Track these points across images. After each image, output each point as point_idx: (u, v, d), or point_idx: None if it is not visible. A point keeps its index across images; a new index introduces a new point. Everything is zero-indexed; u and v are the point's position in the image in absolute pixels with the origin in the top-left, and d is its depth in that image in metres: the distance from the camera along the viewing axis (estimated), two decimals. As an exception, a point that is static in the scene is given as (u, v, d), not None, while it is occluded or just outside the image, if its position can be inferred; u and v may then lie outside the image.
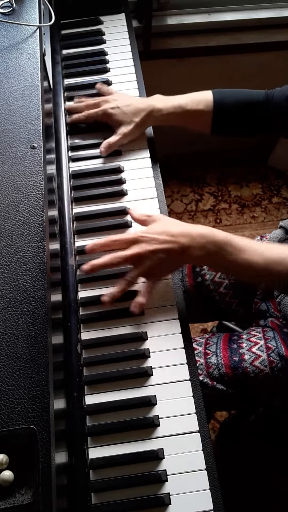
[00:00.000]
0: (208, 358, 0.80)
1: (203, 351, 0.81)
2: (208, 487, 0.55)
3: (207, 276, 0.92)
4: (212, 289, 0.91)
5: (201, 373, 0.79)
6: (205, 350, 0.81)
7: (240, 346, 0.80)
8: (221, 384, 0.78)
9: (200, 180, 1.81)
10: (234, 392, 0.79)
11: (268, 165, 1.84)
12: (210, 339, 0.84)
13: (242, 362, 0.78)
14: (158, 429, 0.58)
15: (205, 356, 0.80)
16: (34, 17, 0.76)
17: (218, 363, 0.78)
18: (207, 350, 0.81)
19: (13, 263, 0.55)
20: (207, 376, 0.79)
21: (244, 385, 0.78)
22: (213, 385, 0.78)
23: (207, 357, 0.80)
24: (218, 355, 0.79)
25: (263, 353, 0.78)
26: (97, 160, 0.79)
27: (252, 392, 0.79)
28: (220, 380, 0.78)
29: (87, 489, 0.55)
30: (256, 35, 1.38)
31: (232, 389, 0.79)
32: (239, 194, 1.79)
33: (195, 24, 1.34)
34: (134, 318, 0.65)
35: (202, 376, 0.79)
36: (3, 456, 0.43)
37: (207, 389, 0.79)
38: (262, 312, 0.88)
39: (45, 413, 0.46)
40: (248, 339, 0.81)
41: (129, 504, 0.54)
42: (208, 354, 0.80)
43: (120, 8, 0.98)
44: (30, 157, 0.62)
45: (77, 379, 0.61)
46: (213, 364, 0.79)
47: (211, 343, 0.82)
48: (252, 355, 0.78)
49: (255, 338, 0.81)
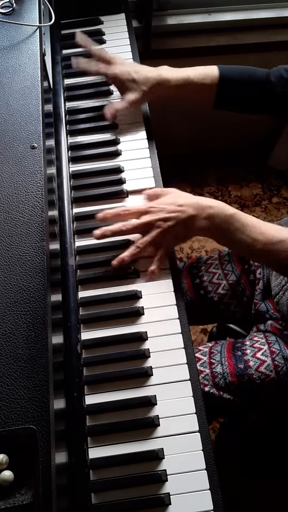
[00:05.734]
0: (213, 367, 0.79)
1: (208, 360, 0.80)
2: (208, 487, 0.55)
3: (205, 277, 0.91)
4: (210, 290, 0.91)
5: (207, 383, 0.78)
6: (210, 359, 0.80)
7: (244, 353, 0.80)
8: (227, 394, 0.78)
9: (200, 180, 1.81)
10: (240, 399, 0.78)
11: (268, 165, 1.84)
12: (213, 347, 0.83)
13: (247, 369, 0.77)
14: (158, 429, 0.58)
15: (210, 366, 0.79)
16: (34, 17, 0.76)
17: (223, 372, 0.78)
18: (212, 359, 0.80)
19: (13, 263, 0.55)
20: (213, 386, 0.78)
21: (251, 392, 0.78)
22: (220, 395, 0.78)
23: (212, 367, 0.79)
24: (223, 364, 0.79)
25: (267, 358, 0.78)
26: (97, 160, 0.79)
27: (258, 398, 0.79)
28: (227, 389, 0.78)
29: (87, 489, 0.55)
30: (256, 35, 1.38)
31: (239, 397, 0.78)
32: (239, 194, 1.79)
33: (195, 24, 1.34)
34: (134, 318, 0.65)
35: (208, 387, 0.78)
36: (3, 456, 0.43)
37: (214, 399, 0.78)
38: (262, 313, 0.88)
39: (45, 413, 0.46)
40: (252, 345, 0.81)
41: (129, 504, 0.54)
42: (213, 364, 0.80)
43: (120, 8, 0.98)
44: (30, 157, 0.62)
45: (77, 379, 0.61)
46: (218, 373, 0.78)
47: (215, 352, 0.82)
48: (257, 361, 0.78)
49: (258, 344, 0.80)
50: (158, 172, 0.78)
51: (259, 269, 0.90)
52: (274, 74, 0.79)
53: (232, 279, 0.90)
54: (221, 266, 0.92)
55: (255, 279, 0.91)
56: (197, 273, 0.93)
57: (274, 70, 0.80)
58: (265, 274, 0.90)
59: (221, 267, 0.92)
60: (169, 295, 0.67)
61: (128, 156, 0.80)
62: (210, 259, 0.94)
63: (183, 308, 0.66)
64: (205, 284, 0.91)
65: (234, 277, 0.90)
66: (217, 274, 0.91)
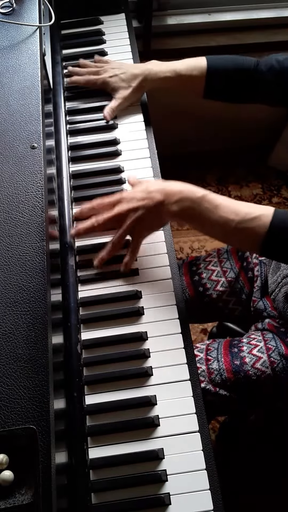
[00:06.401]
0: (210, 364, 0.79)
1: (204, 357, 0.81)
2: (208, 487, 0.55)
3: (203, 275, 0.91)
4: (209, 287, 0.91)
5: (203, 379, 0.79)
6: (206, 356, 0.81)
7: (240, 349, 0.80)
8: (223, 390, 0.78)
9: (200, 180, 1.81)
10: (237, 396, 0.79)
11: (268, 165, 1.84)
12: (211, 345, 0.83)
13: (243, 366, 0.77)
14: (158, 429, 0.58)
15: (207, 363, 0.80)
16: (34, 17, 0.76)
17: (219, 369, 0.78)
18: (208, 356, 0.81)
19: (13, 263, 0.55)
20: (209, 382, 0.78)
21: (247, 388, 0.78)
22: (216, 391, 0.78)
23: (209, 363, 0.79)
24: (219, 360, 0.79)
25: (263, 354, 0.78)
26: (97, 160, 0.79)
27: (254, 395, 0.79)
28: (223, 386, 0.78)
29: (87, 489, 0.55)
30: (256, 35, 1.38)
31: (235, 393, 0.78)
32: (239, 194, 1.79)
33: (195, 24, 1.34)
34: (134, 318, 0.65)
35: (204, 383, 0.78)
36: (3, 456, 0.43)
37: (210, 396, 0.78)
38: (260, 312, 0.88)
39: (45, 413, 0.46)
40: (248, 343, 0.81)
41: (129, 504, 0.54)
42: (209, 360, 0.80)
43: (120, 8, 0.98)
44: (30, 157, 0.62)
45: (77, 379, 0.61)
46: (214, 370, 0.78)
47: (212, 349, 0.82)
48: (253, 357, 0.78)
49: (255, 341, 0.81)
50: (158, 172, 0.78)
51: (257, 266, 0.91)
52: (265, 63, 0.80)
53: (230, 276, 0.90)
54: (220, 263, 0.92)
55: (253, 277, 0.91)
56: (196, 270, 0.93)
57: (266, 59, 0.80)
58: (263, 272, 0.90)
59: (219, 264, 0.92)
60: (169, 295, 0.67)
61: (128, 156, 0.80)
62: (209, 257, 0.94)
63: (183, 308, 0.66)
64: (204, 281, 0.91)
65: (232, 275, 0.90)
66: (216, 271, 0.91)
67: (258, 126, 1.66)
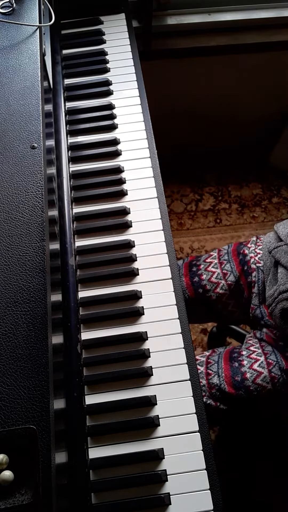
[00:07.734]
0: (210, 379, 0.79)
1: (205, 371, 0.81)
2: (208, 487, 0.55)
3: (203, 276, 0.91)
4: (209, 289, 0.90)
5: (204, 394, 0.79)
6: (207, 370, 0.81)
7: (241, 364, 0.80)
8: (224, 404, 0.78)
9: (200, 180, 1.81)
10: (237, 411, 0.78)
11: (268, 165, 1.84)
12: (210, 357, 0.83)
13: (244, 382, 0.77)
14: (158, 429, 0.58)
15: (207, 377, 0.80)
16: (34, 17, 0.76)
17: (220, 384, 0.78)
18: (209, 370, 0.81)
19: (13, 263, 0.55)
20: (210, 397, 0.78)
21: (248, 403, 0.78)
22: (217, 406, 0.78)
23: (209, 378, 0.79)
24: (220, 375, 0.79)
25: (264, 369, 0.78)
26: (97, 160, 0.79)
27: (256, 410, 0.79)
28: (223, 401, 0.78)
29: (87, 489, 0.55)
30: (256, 35, 1.38)
31: (236, 408, 0.78)
32: (239, 194, 1.79)
33: (195, 24, 1.34)
34: (134, 318, 0.65)
35: (205, 397, 0.78)
36: (3, 456, 0.43)
37: (211, 410, 0.78)
38: (257, 319, 0.88)
39: (45, 413, 0.46)
40: (248, 356, 0.81)
41: (129, 504, 0.54)
42: (210, 375, 0.80)
43: (120, 8, 0.98)
44: (30, 157, 0.62)
45: (77, 379, 0.61)
46: (215, 385, 0.78)
47: (212, 362, 0.82)
48: (253, 372, 0.78)
49: (255, 355, 0.81)
50: (158, 172, 0.78)
51: (254, 271, 0.90)
52: None
53: (230, 280, 0.90)
54: (220, 265, 0.92)
55: (252, 282, 0.91)
56: (196, 271, 0.92)
57: None
58: (260, 278, 0.89)
59: (220, 266, 0.92)
60: (169, 295, 0.67)
61: (128, 156, 0.80)
62: (209, 257, 0.94)
63: (183, 308, 0.66)
64: (203, 283, 0.91)
65: (233, 278, 0.90)
66: (216, 273, 0.91)
67: (258, 126, 1.65)
